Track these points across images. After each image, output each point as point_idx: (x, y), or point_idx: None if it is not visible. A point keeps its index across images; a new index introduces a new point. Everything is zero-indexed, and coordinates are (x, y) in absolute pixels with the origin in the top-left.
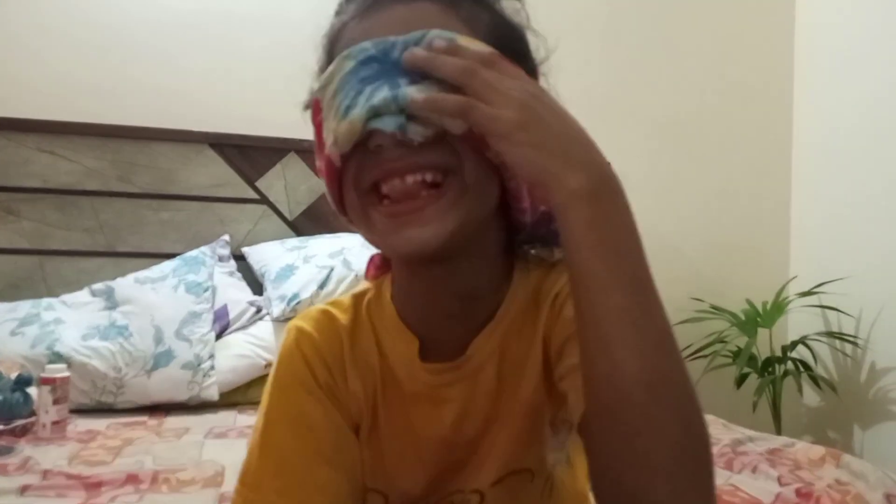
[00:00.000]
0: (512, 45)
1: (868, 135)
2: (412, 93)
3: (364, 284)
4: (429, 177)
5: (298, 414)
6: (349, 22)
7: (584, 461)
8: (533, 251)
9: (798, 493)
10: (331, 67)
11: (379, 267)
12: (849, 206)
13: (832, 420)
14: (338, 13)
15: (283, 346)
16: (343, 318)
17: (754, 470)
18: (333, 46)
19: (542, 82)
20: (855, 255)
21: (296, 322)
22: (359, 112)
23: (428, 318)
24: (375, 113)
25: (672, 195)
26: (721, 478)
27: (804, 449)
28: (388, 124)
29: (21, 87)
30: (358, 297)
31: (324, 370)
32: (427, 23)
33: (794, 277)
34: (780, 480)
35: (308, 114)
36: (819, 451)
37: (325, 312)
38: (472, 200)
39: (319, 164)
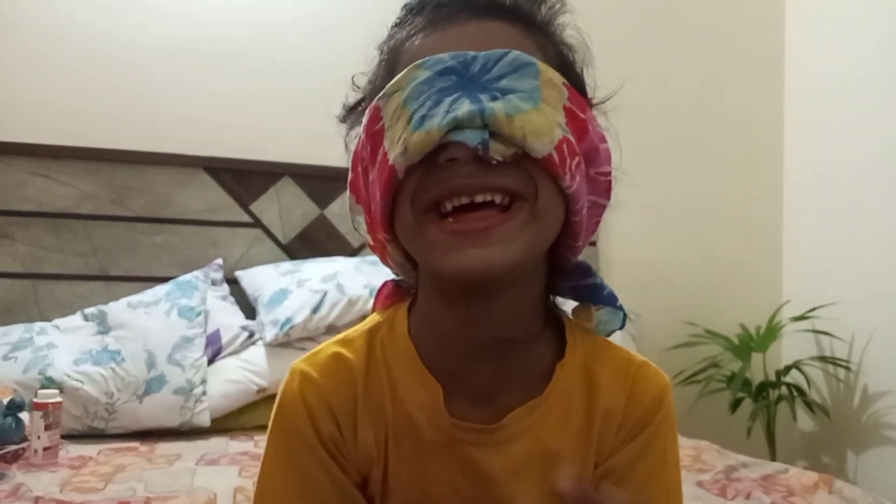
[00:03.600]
0: (573, 77)
1: (859, 160)
2: (499, 109)
3: (374, 318)
4: (498, 198)
5: (299, 471)
6: (417, 34)
7: None
8: (564, 303)
9: None
10: (399, 75)
11: (389, 297)
12: (841, 232)
13: (826, 445)
14: (400, 24)
15: (285, 390)
16: (355, 358)
17: (748, 496)
18: (396, 57)
19: (602, 121)
20: (847, 281)
21: (301, 365)
22: (438, 122)
23: (454, 357)
24: (457, 125)
25: (665, 220)
26: None
27: (797, 475)
28: (470, 138)
29: (15, 111)
30: (371, 333)
31: (330, 424)
32: (504, 43)
33: (787, 302)
34: None
35: (348, 128)
36: (812, 477)
37: (336, 356)
38: (539, 228)
39: (370, 175)
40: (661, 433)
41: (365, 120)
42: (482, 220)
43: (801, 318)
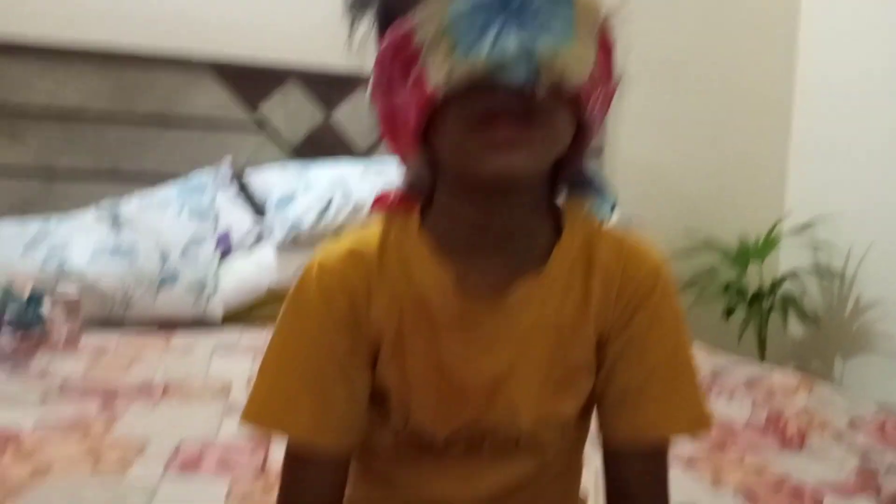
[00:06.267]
0: None
1: (871, 75)
2: (543, 44)
3: (383, 219)
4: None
5: (306, 347)
6: None
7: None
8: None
9: (768, 418)
10: (435, 3)
11: (399, 202)
12: (847, 142)
13: (815, 351)
14: None
15: (302, 276)
16: (369, 246)
17: (731, 396)
18: None
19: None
20: (848, 193)
21: (319, 255)
22: (485, 56)
23: (472, 247)
24: (505, 61)
25: (671, 128)
26: None
27: (780, 377)
28: (517, 75)
29: (23, 9)
30: (385, 227)
31: (344, 301)
32: None
33: (787, 213)
34: (753, 406)
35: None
36: (794, 379)
37: (351, 246)
38: (554, 143)
39: (399, 94)
40: (667, 302)
41: (392, 39)
42: (511, 133)
43: (801, 228)
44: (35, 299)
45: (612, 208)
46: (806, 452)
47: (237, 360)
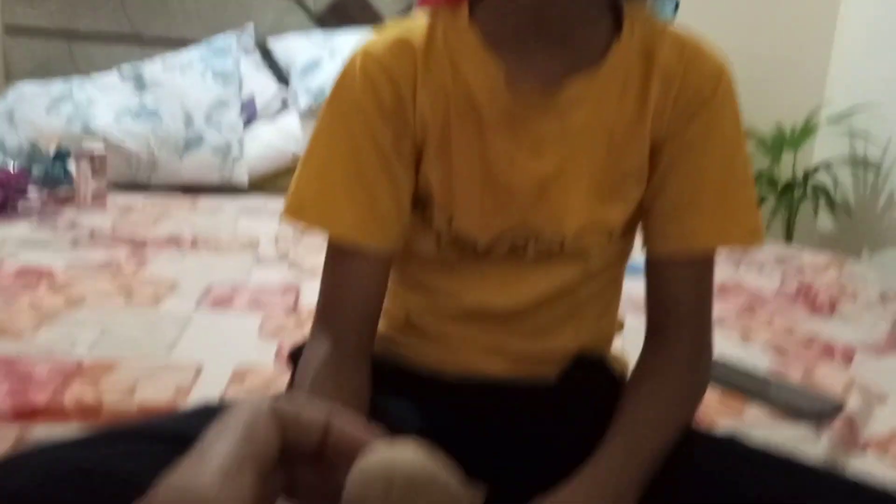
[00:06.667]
0: None
1: None
2: None
3: (431, 11)
4: None
5: (349, 139)
6: None
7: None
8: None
9: (798, 289)
10: None
11: None
12: (892, 32)
13: (843, 243)
14: None
15: (346, 67)
16: (416, 39)
17: (760, 269)
18: None
19: None
20: (891, 83)
21: (363, 46)
22: None
23: (524, 41)
24: None
25: (714, 8)
26: (726, 273)
27: (811, 255)
28: None
29: None
30: (432, 21)
31: (389, 91)
32: None
33: (827, 101)
34: (783, 278)
35: None
36: (825, 258)
37: (397, 37)
38: None
39: None
40: (727, 108)
41: None
42: None
43: (839, 117)
44: (61, 157)
45: (676, 8)
46: (837, 318)
47: (264, 221)
